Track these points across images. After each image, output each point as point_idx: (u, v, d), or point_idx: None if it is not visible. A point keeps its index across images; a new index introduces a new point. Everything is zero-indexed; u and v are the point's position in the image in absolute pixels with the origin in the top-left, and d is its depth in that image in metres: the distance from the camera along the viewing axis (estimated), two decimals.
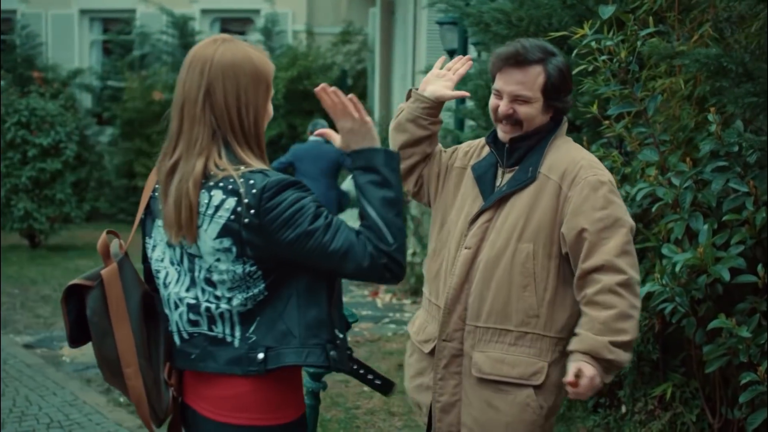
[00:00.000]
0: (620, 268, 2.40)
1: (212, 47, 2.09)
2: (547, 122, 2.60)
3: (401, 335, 6.97)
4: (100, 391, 5.52)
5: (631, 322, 2.40)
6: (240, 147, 2.07)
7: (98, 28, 14.93)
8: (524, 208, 2.52)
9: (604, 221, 2.44)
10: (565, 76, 2.56)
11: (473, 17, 5.35)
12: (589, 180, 2.48)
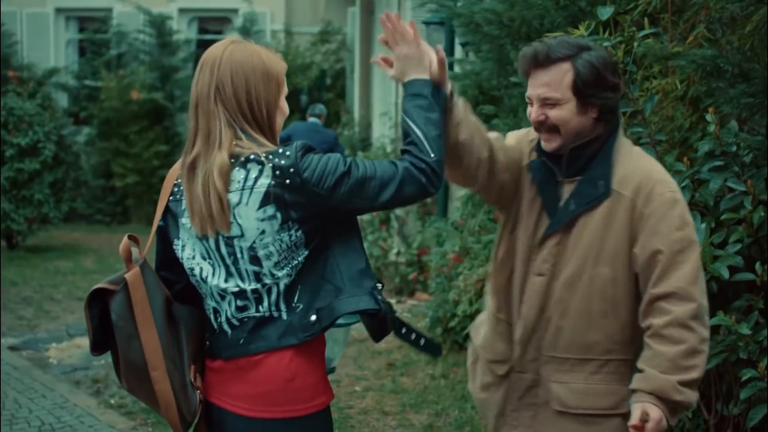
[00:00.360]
0: (693, 297, 2.24)
1: (221, 48, 2.18)
2: (600, 125, 2.38)
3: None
4: (89, 393, 5.48)
5: (700, 358, 2.25)
6: (259, 137, 2.15)
7: (74, 26, 14.78)
8: (598, 228, 2.34)
9: (681, 243, 2.27)
10: (599, 71, 2.31)
11: (464, 17, 5.37)
12: (666, 197, 2.30)
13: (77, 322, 7.39)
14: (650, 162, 2.43)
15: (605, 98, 2.34)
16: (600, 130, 2.39)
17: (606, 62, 2.35)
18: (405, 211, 8.71)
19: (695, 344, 2.23)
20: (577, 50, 2.33)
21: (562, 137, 2.36)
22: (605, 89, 2.33)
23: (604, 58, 2.35)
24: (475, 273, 5.35)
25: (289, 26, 14.54)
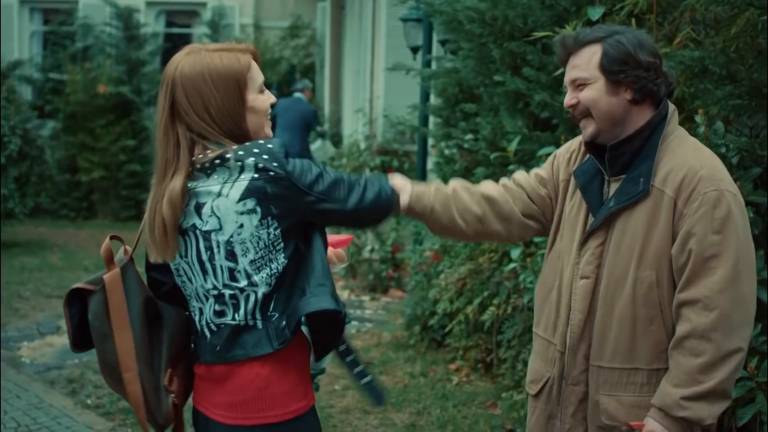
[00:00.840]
0: (716, 305, 2.11)
1: (173, 65, 2.14)
2: (640, 114, 2.28)
3: (365, 332, 6.97)
4: (65, 393, 5.39)
5: (721, 371, 2.12)
6: (233, 145, 2.12)
7: (39, 18, 14.53)
8: (640, 228, 2.23)
9: (715, 248, 2.13)
10: (628, 49, 2.23)
11: (446, 15, 5.36)
12: (708, 196, 2.15)
13: (47, 320, 7.28)
14: (701, 156, 2.25)
15: (636, 76, 2.24)
16: (641, 121, 2.29)
17: (640, 42, 2.27)
18: None
19: (713, 357, 2.12)
20: (609, 33, 2.28)
21: (596, 121, 2.29)
22: (636, 67, 2.23)
23: (637, 38, 2.28)
24: (457, 272, 5.34)
25: (258, 20, 14.44)
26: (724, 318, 2.12)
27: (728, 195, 2.17)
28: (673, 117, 2.33)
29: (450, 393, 5.33)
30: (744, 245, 2.17)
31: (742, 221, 2.18)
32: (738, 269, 2.14)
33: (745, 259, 2.16)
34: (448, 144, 6.25)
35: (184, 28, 14.88)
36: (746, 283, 2.15)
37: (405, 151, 8.53)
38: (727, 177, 2.23)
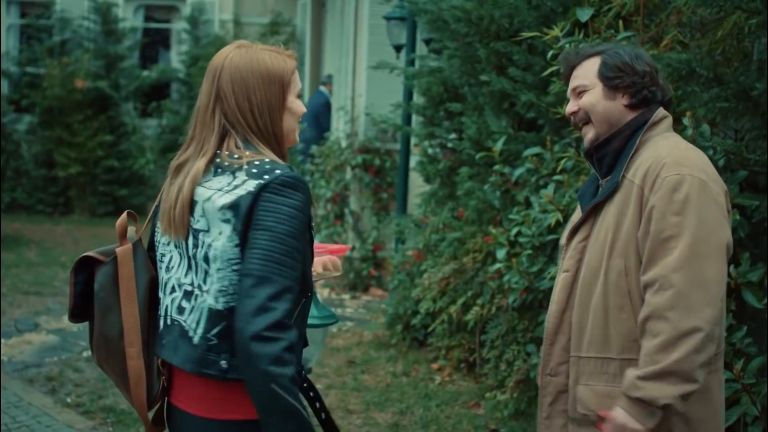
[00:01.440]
0: (671, 284, 2.09)
1: (224, 55, 2.21)
2: (630, 117, 2.36)
3: (346, 331, 6.95)
4: (44, 391, 5.33)
5: (679, 350, 2.07)
6: (259, 144, 2.16)
7: (15, 11, 14.34)
8: (612, 219, 2.28)
9: (674, 228, 2.14)
10: (624, 58, 2.37)
11: (431, 14, 5.35)
12: (668, 180, 2.17)
13: (25, 317, 7.20)
14: (671, 146, 2.29)
15: (632, 82, 2.36)
16: (628, 124, 2.37)
17: (637, 54, 2.42)
18: (360, 207, 8.67)
19: (669, 336, 2.07)
20: (609, 47, 2.45)
21: (594, 126, 2.40)
22: (632, 74, 2.36)
23: (634, 51, 2.43)
24: (440, 271, 5.34)
25: (238, 16, 14.34)
26: (680, 297, 2.09)
27: (690, 179, 2.17)
28: (663, 122, 2.40)
29: (433, 393, 5.32)
30: (706, 228, 2.14)
31: (707, 206, 2.16)
32: (696, 250, 2.11)
33: (708, 242, 2.13)
34: (432, 143, 6.25)
35: (163, 23, 14.76)
36: (707, 265, 2.12)
37: (387, 149, 8.51)
38: (698, 165, 2.23)
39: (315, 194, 9.06)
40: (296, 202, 2.04)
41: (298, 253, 2.02)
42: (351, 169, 8.60)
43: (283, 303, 1.94)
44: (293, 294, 1.99)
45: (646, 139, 2.35)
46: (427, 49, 6.77)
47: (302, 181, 2.08)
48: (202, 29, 13.91)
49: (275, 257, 1.98)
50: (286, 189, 2.04)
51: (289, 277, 1.98)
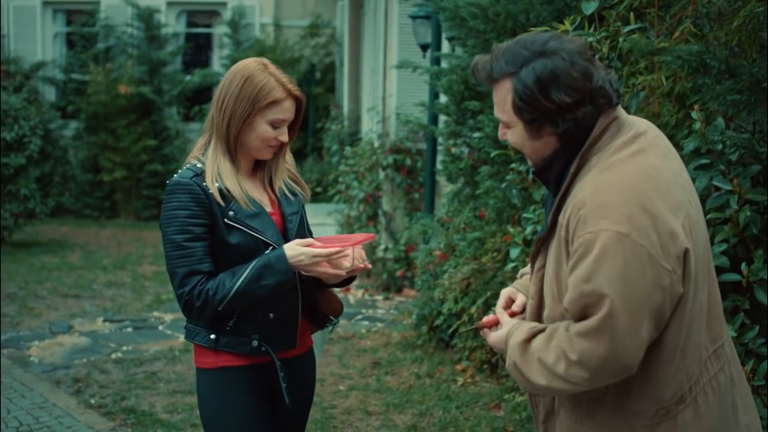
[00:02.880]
0: (572, 345, 1.90)
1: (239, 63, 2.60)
2: (564, 142, 2.01)
3: (375, 332, 6.92)
4: (69, 392, 5.40)
5: (551, 382, 1.94)
6: (215, 138, 2.53)
7: (61, 19, 14.63)
8: (552, 264, 2.04)
9: (585, 299, 1.87)
10: (533, 91, 1.92)
11: (449, 12, 5.29)
12: (581, 241, 1.88)
13: (60, 319, 7.31)
14: (596, 188, 1.92)
15: (552, 121, 1.96)
16: (559, 149, 2.03)
17: (549, 78, 1.91)
18: (392, 207, 8.64)
19: (549, 362, 1.94)
20: (520, 63, 1.95)
21: (529, 159, 2.12)
22: (549, 111, 1.94)
23: (550, 71, 1.91)
24: (460, 271, 5.28)
25: (278, 19, 14.43)
26: (574, 361, 1.90)
27: (605, 236, 1.84)
28: (606, 131, 1.99)
29: (454, 394, 5.26)
30: (627, 291, 1.84)
31: (626, 264, 1.83)
32: (604, 324, 1.85)
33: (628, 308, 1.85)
34: (456, 142, 6.19)
35: (205, 27, 14.91)
36: (616, 345, 1.87)
37: (418, 149, 8.46)
38: (621, 211, 1.85)
39: (348, 195, 9.05)
40: (175, 204, 2.43)
41: (193, 240, 2.41)
42: (382, 169, 8.57)
43: (188, 285, 2.41)
44: (196, 273, 2.41)
45: (585, 159, 1.99)
46: (450, 48, 6.71)
47: (181, 184, 2.43)
48: (242, 33, 14.02)
49: (171, 255, 2.43)
50: (168, 195, 2.45)
51: (188, 264, 2.41)
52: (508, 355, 2.07)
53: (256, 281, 2.40)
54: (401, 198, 8.52)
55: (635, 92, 3.74)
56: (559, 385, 1.94)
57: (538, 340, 2.01)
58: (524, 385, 2.06)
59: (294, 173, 2.73)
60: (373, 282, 8.60)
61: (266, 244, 2.48)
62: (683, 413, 2.00)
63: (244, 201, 2.48)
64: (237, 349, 2.53)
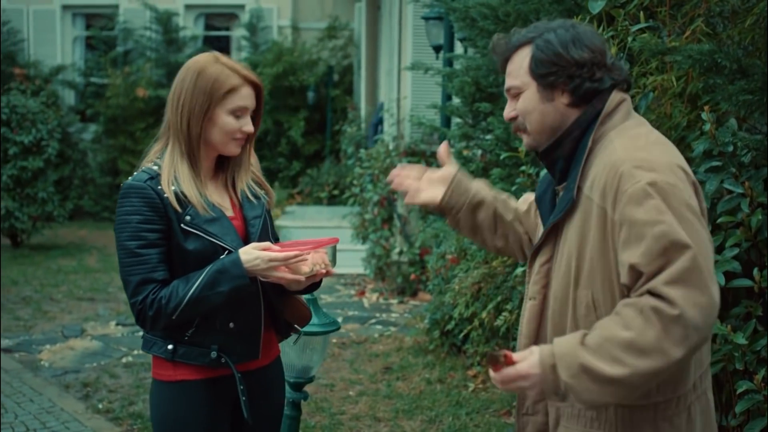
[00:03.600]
0: (667, 297, 1.73)
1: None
2: (576, 115, 1.99)
3: (387, 336, 6.86)
4: (78, 397, 5.38)
5: (641, 362, 1.73)
6: (172, 141, 2.41)
7: (81, 23, 14.70)
8: (574, 244, 1.94)
9: (662, 241, 1.76)
10: (556, 48, 1.96)
11: (459, 12, 5.22)
12: (630, 193, 1.82)
13: (73, 323, 7.31)
14: (627, 146, 1.91)
15: (569, 76, 1.97)
16: (573, 124, 2.01)
17: (573, 37, 1.98)
18: (407, 210, 8.57)
19: (646, 341, 1.73)
20: (541, 32, 2.02)
21: (530, 133, 2.07)
22: (567, 66, 1.96)
23: (572, 34, 1.98)
24: (471, 275, 5.19)
25: (296, 22, 14.41)
26: (678, 314, 1.74)
27: (653, 183, 1.80)
28: (618, 110, 2.00)
29: (465, 400, 5.18)
30: (694, 236, 1.79)
31: (682, 212, 1.80)
32: (691, 264, 1.76)
33: (702, 251, 1.79)
34: (469, 144, 6.11)
35: (223, 30, 14.92)
36: (706, 283, 1.78)
37: (432, 151, 8.37)
38: (662, 163, 1.85)
39: (363, 198, 8.99)
40: (128, 208, 2.32)
41: (146, 247, 2.30)
42: None
43: (141, 293, 2.30)
44: (150, 282, 2.30)
45: (600, 135, 1.98)
46: (463, 49, 6.63)
47: (134, 187, 2.33)
48: (260, 36, 14.02)
49: (124, 262, 2.33)
50: (121, 200, 2.35)
51: (142, 272, 2.30)
52: (566, 365, 1.78)
53: (211, 287, 2.28)
54: None
55: (645, 93, 3.65)
56: (648, 364, 1.72)
57: (596, 333, 1.80)
58: (593, 396, 1.78)
59: (258, 176, 2.60)
60: (388, 285, 8.53)
61: (225, 251, 2.36)
62: (695, 405, 1.96)
63: (201, 206, 2.36)
64: (195, 360, 2.39)
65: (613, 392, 1.76)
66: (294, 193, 12.97)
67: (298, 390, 3.42)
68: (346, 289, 8.90)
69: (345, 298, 8.47)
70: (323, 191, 12.37)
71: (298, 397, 3.42)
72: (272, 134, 13.44)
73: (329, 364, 6.06)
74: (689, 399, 1.95)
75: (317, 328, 3.35)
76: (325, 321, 3.39)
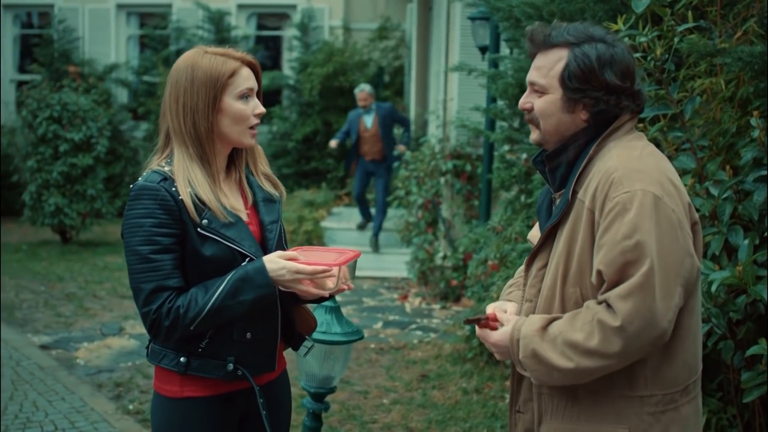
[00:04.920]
0: (614, 308, 1.87)
1: (179, 59, 2.34)
2: (585, 127, 2.07)
3: (427, 343, 6.72)
4: (109, 397, 5.34)
5: (584, 361, 1.89)
6: (178, 147, 2.25)
7: (135, 22, 14.82)
8: (564, 244, 2.03)
9: (627, 255, 1.87)
10: (594, 65, 2.00)
11: (503, 12, 5.06)
12: (616, 201, 1.91)
13: (113, 321, 7.31)
14: (624, 156, 1.99)
15: (596, 98, 2.02)
16: (583, 132, 2.07)
17: (611, 58, 2.02)
18: (452, 214, 8.42)
19: (588, 345, 1.89)
20: (583, 39, 2.04)
21: (543, 133, 2.11)
22: (597, 88, 2.01)
23: (610, 55, 2.02)
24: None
25: (348, 22, 14.32)
26: (618, 327, 1.87)
27: (642, 195, 1.90)
28: (624, 126, 2.08)
29: (501, 412, 5.01)
30: (663, 252, 1.88)
31: (661, 226, 1.89)
32: (647, 280, 1.86)
33: (664, 269, 1.88)
34: (513, 148, 5.94)
35: (275, 30, 14.91)
36: (656, 300, 1.88)
37: (478, 155, 8.21)
38: (652, 176, 1.94)
39: (407, 201, 8.86)
40: (140, 211, 2.17)
41: (160, 252, 2.16)
42: (442, 175, 8.35)
43: (155, 302, 2.15)
44: (164, 290, 2.15)
45: (601, 147, 2.06)
46: (509, 50, 6.45)
47: (147, 189, 2.18)
48: (311, 36, 13.96)
49: (135, 268, 2.17)
50: (132, 201, 2.20)
51: (155, 279, 2.15)
52: (523, 345, 1.98)
53: (233, 296, 2.15)
54: (461, 204, 8.29)
55: (692, 97, 3.46)
56: (589, 363, 1.90)
57: (557, 324, 1.97)
58: (541, 376, 1.98)
59: (269, 173, 2.47)
60: (431, 290, 8.39)
61: (244, 257, 2.23)
62: (686, 406, 2.04)
63: (219, 210, 2.23)
64: (210, 373, 2.25)
65: (559, 377, 1.96)
66: (342, 194, 12.89)
67: (319, 401, 3.31)
68: (389, 292, 8.78)
69: (387, 302, 8.35)
70: (371, 193, 12.26)
71: (318, 408, 3.31)
72: (321, 135, 13.37)
73: (365, 370, 5.94)
74: (679, 400, 2.03)
75: (339, 337, 3.23)
76: (348, 330, 3.27)
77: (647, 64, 3.42)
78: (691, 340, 2.04)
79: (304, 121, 13.44)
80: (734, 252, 3.18)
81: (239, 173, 2.40)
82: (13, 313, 7.46)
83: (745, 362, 3.24)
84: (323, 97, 13.10)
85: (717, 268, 3.12)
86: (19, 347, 6.38)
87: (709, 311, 3.15)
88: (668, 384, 2.01)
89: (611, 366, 1.92)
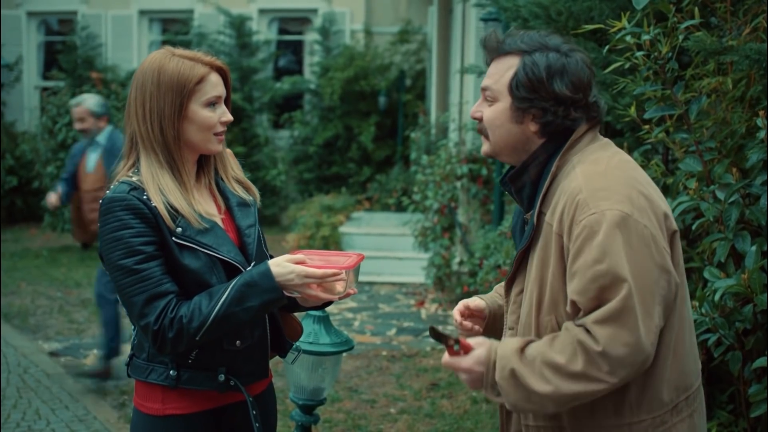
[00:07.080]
0: (594, 335, 1.77)
1: (144, 61, 2.23)
2: (540, 143, 1.97)
3: (440, 350, 6.59)
4: (113, 405, 5.30)
5: (566, 385, 1.77)
6: (146, 154, 2.15)
7: (157, 28, 14.87)
8: (537, 269, 1.94)
9: (600, 280, 1.77)
10: (541, 75, 1.92)
11: (510, 12, 4.94)
12: (583, 225, 1.81)
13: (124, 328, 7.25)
14: (591, 173, 1.89)
15: (543, 108, 1.93)
16: (539, 149, 1.98)
17: (561, 69, 1.93)
18: (468, 218, 8.28)
19: (568, 368, 1.77)
20: (536, 47, 1.96)
21: (491, 143, 2.03)
22: (545, 98, 1.92)
23: (562, 64, 1.93)
24: None
25: (369, 26, 14.24)
26: (600, 352, 1.77)
27: (610, 215, 1.79)
28: (584, 137, 1.98)
29: None
30: (638, 273, 1.79)
31: (631, 245, 1.79)
32: (626, 304, 1.76)
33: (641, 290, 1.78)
34: None
35: (296, 35, 14.87)
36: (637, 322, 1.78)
37: (494, 159, 8.07)
38: (620, 192, 1.84)
39: (424, 205, 8.74)
40: (115, 224, 2.08)
41: (145, 261, 2.06)
42: (457, 179, 8.22)
43: (152, 312, 2.04)
44: (159, 298, 2.05)
45: (564, 162, 1.96)
46: None
47: (117, 200, 2.08)
48: (333, 40, 13.90)
49: (123, 283, 2.07)
50: (104, 216, 2.10)
51: (147, 288, 2.05)
52: (500, 366, 1.84)
53: (239, 303, 2.04)
54: (477, 209, 8.15)
55: (698, 97, 3.32)
56: (574, 387, 1.78)
57: (535, 346, 1.85)
58: (516, 400, 1.82)
59: (241, 176, 2.38)
60: (447, 296, 8.26)
61: (224, 263, 2.14)
62: (679, 425, 1.94)
63: (193, 217, 2.13)
64: (201, 385, 2.17)
65: (537, 403, 1.81)
66: (362, 199, 12.80)
67: (308, 413, 3.21)
68: (406, 298, 8.66)
69: (403, 308, 8.24)
70: (391, 197, 12.15)
71: (308, 421, 3.21)
72: (343, 139, 13.30)
73: (375, 379, 5.84)
74: (670, 421, 1.93)
75: (329, 348, 3.13)
76: (337, 340, 3.17)
77: (652, 63, 3.29)
78: (676, 358, 1.93)
79: (326, 125, 13.38)
80: (741, 259, 3.04)
81: (209, 179, 2.31)
82: (27, 320, 7.44)
83: (755, 374, 3.09)
84: (344, 102, 13.03)
85: (723, 276, 2.98)
86: (28, 354, 6.35)
87: (714, 321, 3.01)
88: (656, 406, 1.92)
89: (597, 391, 1.80)
